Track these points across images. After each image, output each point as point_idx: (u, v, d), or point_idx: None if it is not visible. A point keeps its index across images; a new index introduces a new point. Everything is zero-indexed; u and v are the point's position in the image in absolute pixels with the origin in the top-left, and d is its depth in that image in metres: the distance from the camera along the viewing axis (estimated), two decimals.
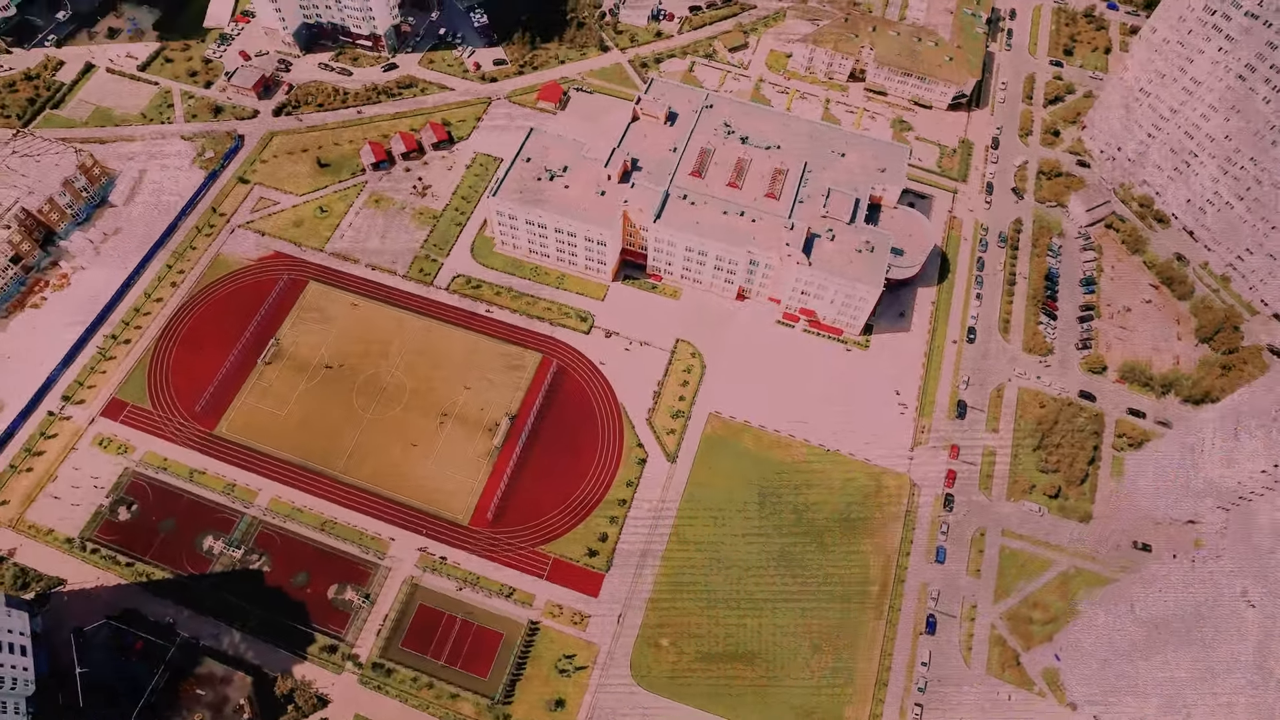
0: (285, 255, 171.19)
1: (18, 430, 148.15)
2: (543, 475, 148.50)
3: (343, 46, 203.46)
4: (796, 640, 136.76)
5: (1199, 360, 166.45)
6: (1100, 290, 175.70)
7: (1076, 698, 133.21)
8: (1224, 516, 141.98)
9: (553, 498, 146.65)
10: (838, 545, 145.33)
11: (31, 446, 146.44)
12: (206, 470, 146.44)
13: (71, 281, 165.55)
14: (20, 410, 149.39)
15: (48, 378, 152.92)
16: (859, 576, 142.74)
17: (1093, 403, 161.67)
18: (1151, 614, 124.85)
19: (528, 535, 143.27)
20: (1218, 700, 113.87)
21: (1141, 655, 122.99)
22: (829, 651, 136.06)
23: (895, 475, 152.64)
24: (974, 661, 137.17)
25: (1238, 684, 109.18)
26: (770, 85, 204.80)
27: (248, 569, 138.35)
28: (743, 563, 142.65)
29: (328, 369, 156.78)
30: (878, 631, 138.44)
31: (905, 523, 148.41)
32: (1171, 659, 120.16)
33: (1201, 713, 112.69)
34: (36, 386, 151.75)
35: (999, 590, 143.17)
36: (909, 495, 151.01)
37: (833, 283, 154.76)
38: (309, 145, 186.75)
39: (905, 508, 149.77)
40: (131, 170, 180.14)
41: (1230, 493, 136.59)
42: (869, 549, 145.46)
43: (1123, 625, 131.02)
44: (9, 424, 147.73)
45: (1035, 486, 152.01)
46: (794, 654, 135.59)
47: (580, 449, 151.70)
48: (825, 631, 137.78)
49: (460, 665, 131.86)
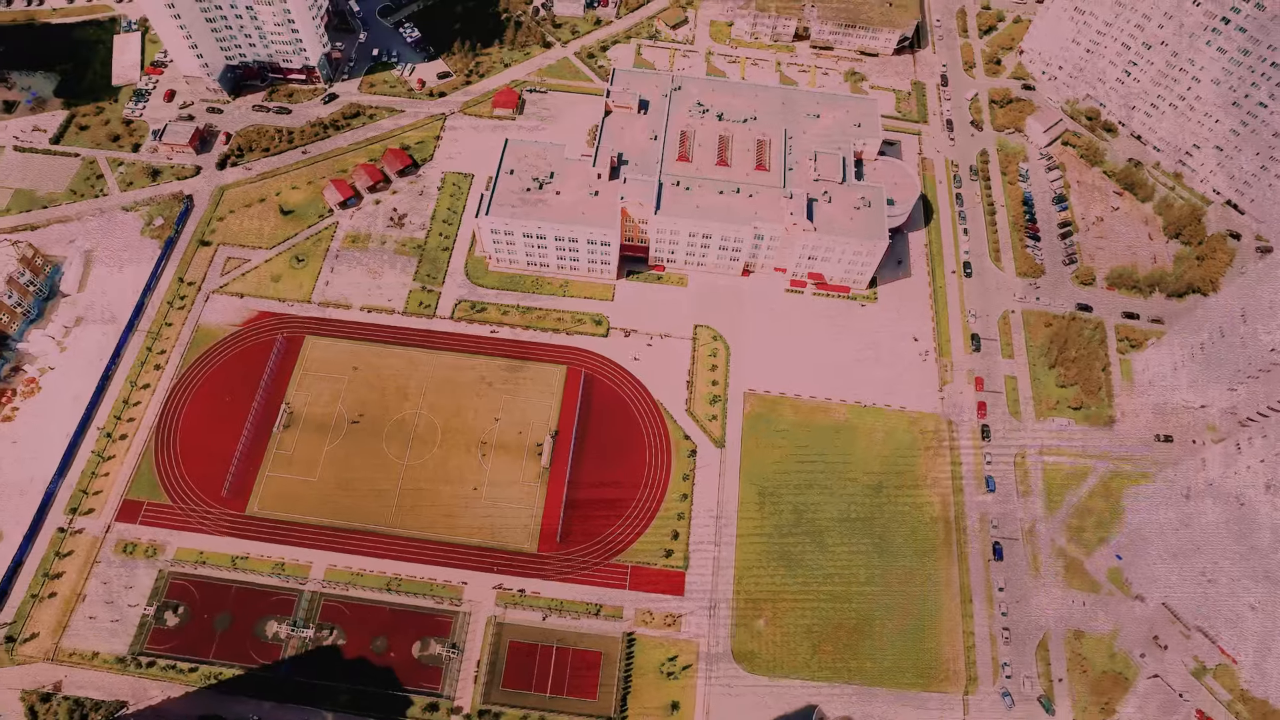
0: (271, 314, 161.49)
1: (26, 555, 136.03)
2: (599, 486, 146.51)
3: (274, 84, 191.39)
4: (882, 591, 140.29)
5: (1174, 256, 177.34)
6: (1072, 206, 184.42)
7: (1142, 590, 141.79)
8: (1231, 396, 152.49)
9: (614, 506, 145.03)
10: (896, 494, 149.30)
11: (48, 570, 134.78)
12: (249, 554, 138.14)
13: (42, 385, 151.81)
14: (24, 534, 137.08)
15: (45, 493, 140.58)
16: (924, 519, 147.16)
17: (1090, 313, 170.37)
18: (1194, 501, 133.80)
19: (599, 549, 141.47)
20: (1268, 572, 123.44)
21: (1191, 539, 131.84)
22: (914, 596, 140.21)
23: (932, 417, 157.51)
24: (1044, 576, 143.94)
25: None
26: (720, 57, 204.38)
27: (321, 646, 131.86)
28: (813, 529, 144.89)
29: (354, 423, 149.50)
30: (952, 568, 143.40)
31: (951, 459, 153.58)
32: (1219, 541, 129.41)
33: (1262, 591, 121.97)
34: (35, 506, 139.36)
35: (1049, 505, 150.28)
36: (949, 433, 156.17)
37: (840, 243, 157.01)
38: (265, 194, 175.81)
39: (948, 445, 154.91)
40: (76, 253, 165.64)
41: (1238, 373, 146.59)
42: (925, 492, 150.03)
43: (1170, 514, 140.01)
44: (15, 551, 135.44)
45: (1059, 402, 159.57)
46: (883, 605, 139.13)
47: (629, 452, 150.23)
48: (906, 577, 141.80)
49: (567, 693, 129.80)
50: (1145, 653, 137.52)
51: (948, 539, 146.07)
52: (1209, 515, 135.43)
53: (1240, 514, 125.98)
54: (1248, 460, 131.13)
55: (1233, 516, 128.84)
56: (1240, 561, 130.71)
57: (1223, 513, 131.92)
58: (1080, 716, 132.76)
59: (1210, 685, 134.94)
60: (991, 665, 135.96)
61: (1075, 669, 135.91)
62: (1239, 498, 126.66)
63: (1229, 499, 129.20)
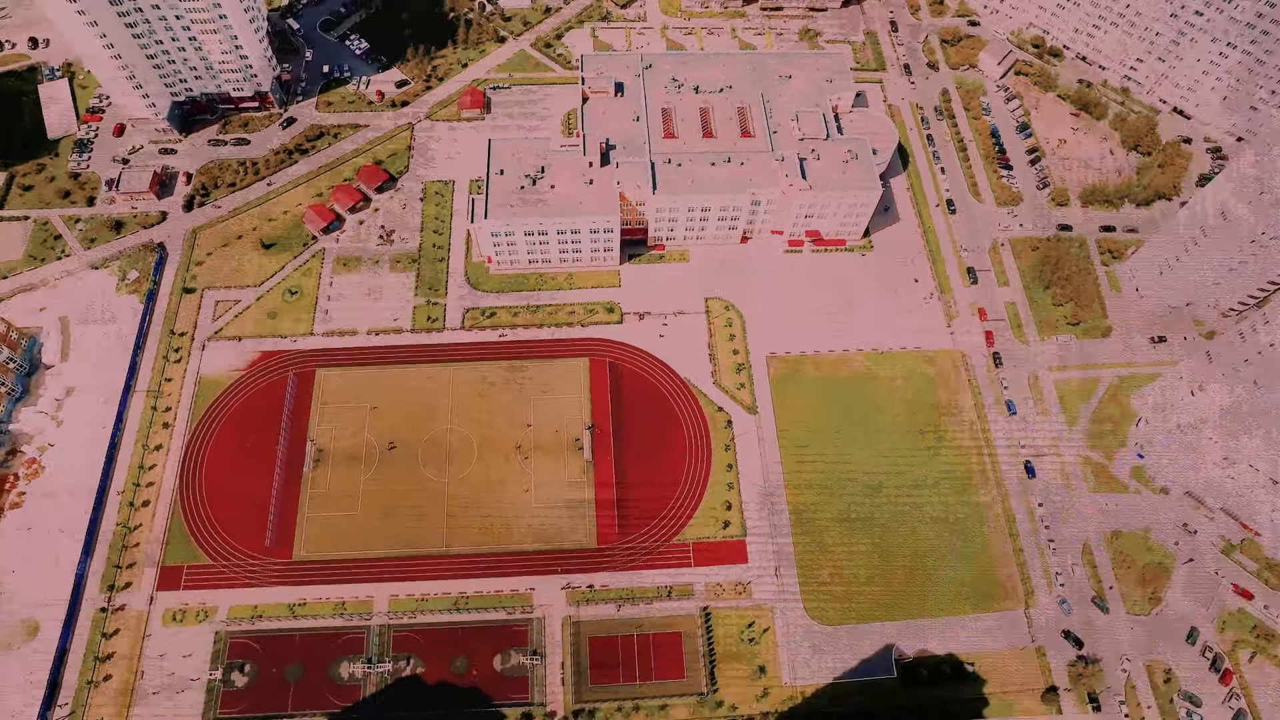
0: (275, 352, 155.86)
1: (69, 642, 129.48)
2: (644, 469, 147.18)
3: (226, 115, 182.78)
4: (931, 526, 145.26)
5: (1137, 167, 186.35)
6: (1036, 132, 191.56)
7: (1165, 483, 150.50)
8: (1214, 290, 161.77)
9: (663, 487, 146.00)
10: (929, 432, 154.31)
11: (97, 653, 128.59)
12: (305, 600, 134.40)
13: (45, 464, 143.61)
14: (63, 621, 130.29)
15: (76, 575, 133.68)
16: (957, 451, 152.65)
17: (1071, 231, 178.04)
18: (1201, 393, 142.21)
19: (658, 532, 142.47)
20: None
21: (1205, 426, 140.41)
22: (962, 525, 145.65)
23: (945, 353, 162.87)
24: (1074, 486, 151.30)
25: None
26: (675, 30, 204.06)
27: (401, 677, 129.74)
28: (858, 478, 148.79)
29: (390, 449, 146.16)
30: (992, 492, 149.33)
31: (971, 390, 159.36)
32: (1229, 423, 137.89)
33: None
34: (68, 589, 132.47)
35: (1068, 419, 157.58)
36: (964, 365, 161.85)
37: (835, 198, 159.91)
38: (241, 230, 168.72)
39: (966, 378, 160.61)
40: (51, 321, 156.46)
41: (1219, 267, 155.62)
42: (953, 425, 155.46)
43: (1177, 407, 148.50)
44: (58, 641, 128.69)
45: (1059, 320, 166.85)
46: (934, 539, 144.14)
47: (667, 432, 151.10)
48: (951, 509, 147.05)
49: (655, 677, 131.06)
50: (1179, 540, 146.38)
51: (982, 466, 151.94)
52: (1217, 400, 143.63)
53: (1250, 394, 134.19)
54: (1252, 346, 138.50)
55: (1240, 399, 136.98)
56: (1252, 437, 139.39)
57: (1230, 397, 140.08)
58: (1131, 609, 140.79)
59: (1239, 560, 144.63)
60: (1045, 577, 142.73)
61: (1119, 566, 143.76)
62: (1251, 379, 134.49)
63: (1236, 382, 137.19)
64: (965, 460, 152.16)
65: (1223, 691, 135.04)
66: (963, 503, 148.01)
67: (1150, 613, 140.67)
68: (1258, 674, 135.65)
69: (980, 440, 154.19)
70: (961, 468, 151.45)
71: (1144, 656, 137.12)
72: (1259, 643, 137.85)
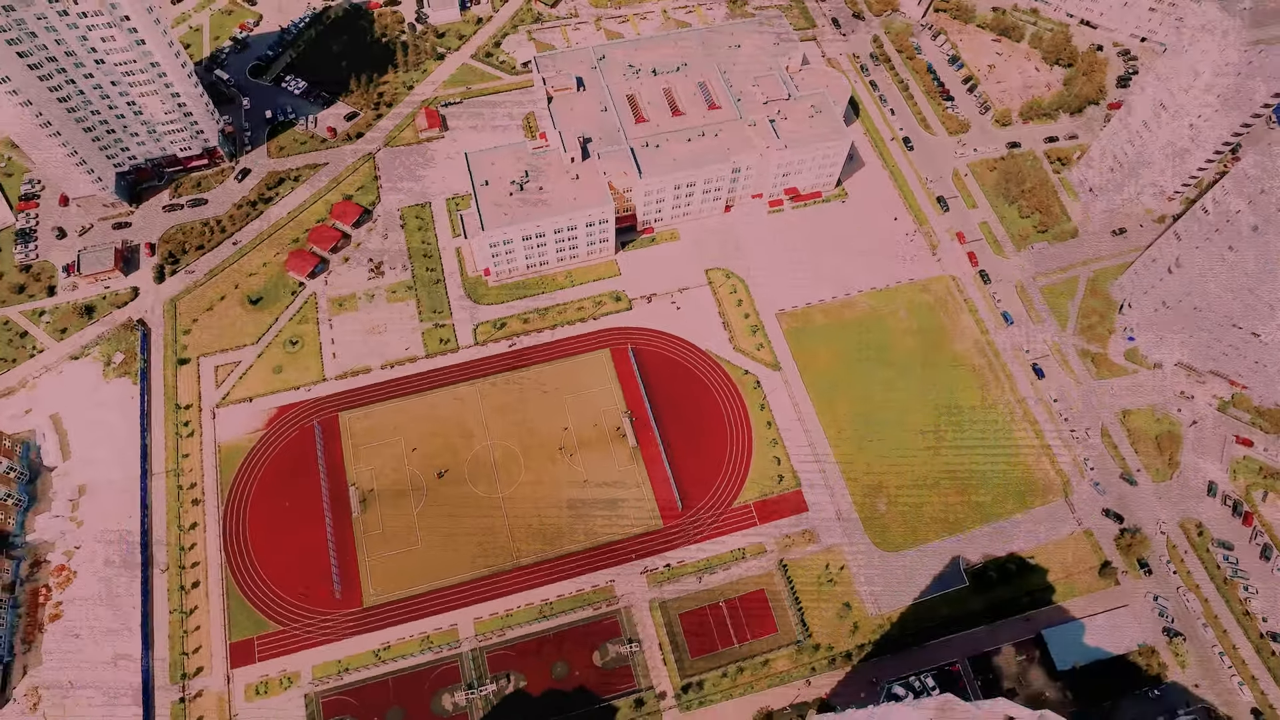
0: (291, 405, 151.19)
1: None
2: (689, 443, 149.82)
3: (174, 178, 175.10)
4: (965, 440, 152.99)
5: (1063, 79, 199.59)
6: (966, 62, 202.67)
7: (1157, 357, 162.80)
8: (1160, 177, 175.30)
9: (712, 456, 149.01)
10: (940, 355, 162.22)
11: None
12: (389, 643, 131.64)
13: (75, 569, 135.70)
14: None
15: (142, 674, 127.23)
16: (970, 366, 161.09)
17: (1020, 148, 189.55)
18: (1179, 271, 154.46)
19: (718, 500, 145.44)
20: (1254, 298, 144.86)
21: (1185, 297, 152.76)
22: (992, 433, 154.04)
23: (938, 279, 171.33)
24: (1077, 373, 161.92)
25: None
26: (609, 19, 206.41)
27: (506, 696, 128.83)
28: (889, 412, 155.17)
29: (441, 476, 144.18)
30: (1009, 396, 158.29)
31: (969, 308, 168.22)
32: (1205, 288, 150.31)
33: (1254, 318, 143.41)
34: (137, 691, 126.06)
35: (1059, 318, 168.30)
36: (957, 288, 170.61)
37: (810, 152, 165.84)
38: (223, 291, 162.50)
39: (961, 299, 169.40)
40: (42, 422, 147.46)
41: (1158, 164, 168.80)
42: (962, 343, 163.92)
43: (1156, 289, 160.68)
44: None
45: (1029, 230, 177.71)
46: (970, 451, 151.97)
47: (701, 403, 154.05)
48: (978, 420, 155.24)
49: (751, 637, 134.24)
50: (1180, 408, 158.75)
51: (994, 374, 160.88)
52: (1192, 273, 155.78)
53: (1224, 258, 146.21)
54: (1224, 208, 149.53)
55: (1215, 262, 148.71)
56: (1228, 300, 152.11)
57: (1204, 264, 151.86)
58: (1155, 477, 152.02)
59: (1234, 414, 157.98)
60: (1075, 466, 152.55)
61: (1136, 441, 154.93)
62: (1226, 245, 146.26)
63: (1210, 251, 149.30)
64: (979, 374, 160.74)
65: (1248, 532, 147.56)
66: (987, 414, 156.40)
67: (1171, 476, 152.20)
68: (1274, 510, 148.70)
69: (989, 354, 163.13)
70: (979, 380, 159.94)
71: (1176, 517, 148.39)
72: (1268, 482, 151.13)
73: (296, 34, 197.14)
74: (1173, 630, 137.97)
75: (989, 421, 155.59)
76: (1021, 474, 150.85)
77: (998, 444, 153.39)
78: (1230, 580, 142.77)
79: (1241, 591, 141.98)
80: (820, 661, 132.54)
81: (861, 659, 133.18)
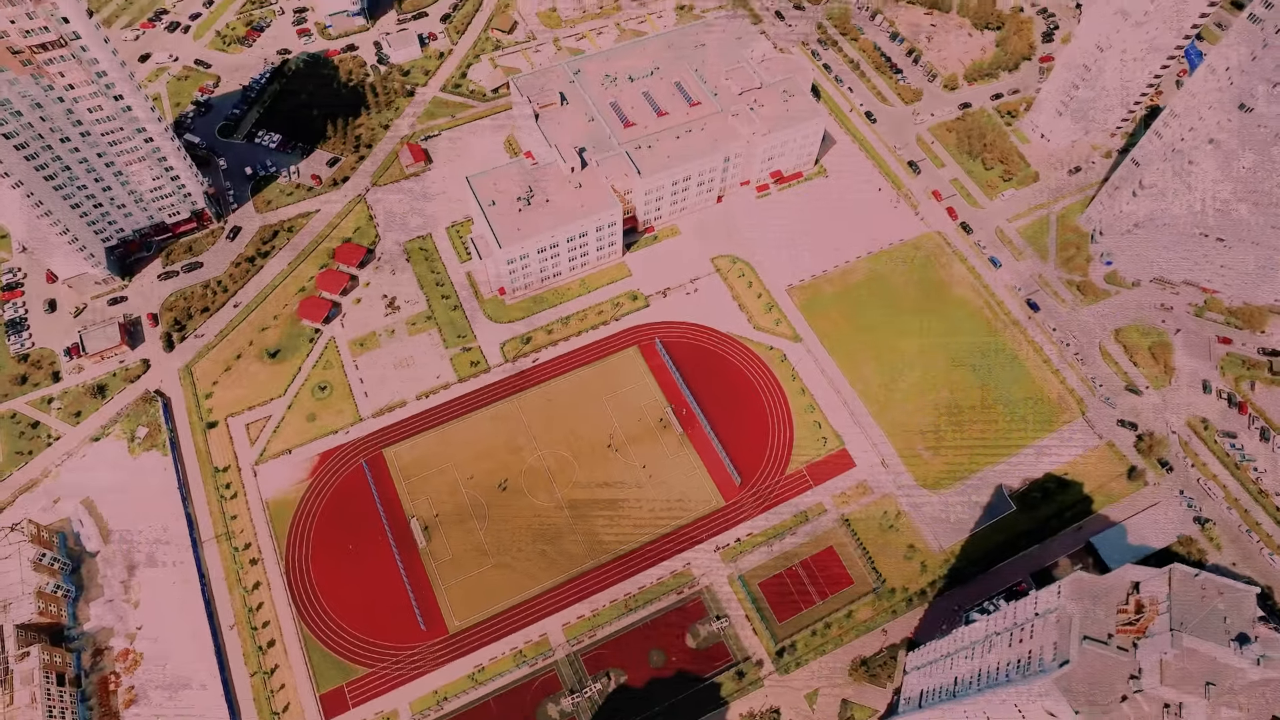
0: (333, 450, 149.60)
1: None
2: (733, 422, 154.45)
3: (164, 246, 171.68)
4: (983, 380, 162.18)
5: (996, 41, 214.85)
6: (906, 37, 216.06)
7: (1134, 276, 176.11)
8: (1104, 117, 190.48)
9: (756, 431, 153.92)
10: (944, 303, 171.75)
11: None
12: (482, 665, 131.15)
13: (141, 651, 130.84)
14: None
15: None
16: (971, 310, 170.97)
17: (971, 107, 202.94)
18: (1143, 192, 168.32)
19: (772, 471, 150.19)
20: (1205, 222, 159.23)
21: (1155, 222, 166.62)
22: (1004, 368, 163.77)
23: (927, 236, 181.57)
24: (1068, 301, 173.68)
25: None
26: (567, 39, 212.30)
27: (609, 693, 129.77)
28: (909, 361, 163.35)
29: (503, 488, 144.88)
30: (1011, 331, 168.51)
31: (958, 258, 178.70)
32: (1169, 208, 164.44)
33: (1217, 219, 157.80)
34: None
35: (1040, 254, 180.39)
36: (944, 241, 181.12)
37: (790, 134, 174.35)
38: (239, 349, 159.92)
39: (950, 250, 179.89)
40: (73, 508, 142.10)
41: (1101, 103, 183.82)
42: (960, 290, 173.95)
43: (1120, 214, 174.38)
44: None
45: (996, 181, 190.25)
46: (989, 388, 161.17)
47: (737, 383, 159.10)
48: (989, 358, 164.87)
49: (830, 593, 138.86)
50: (1163, 319, 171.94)
51: (995, 315, 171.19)
52: (1157, 190, 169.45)
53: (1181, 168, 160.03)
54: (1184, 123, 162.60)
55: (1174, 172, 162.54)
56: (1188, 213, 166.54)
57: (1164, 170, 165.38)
58: (1156, 384, 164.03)
59: (1210, 317, 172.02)
60: (1084, 385, 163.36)
61: (1133, 355, 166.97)
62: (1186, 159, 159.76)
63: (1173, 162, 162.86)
64: (981, 316, 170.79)
65: (1245, 419, 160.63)
66: (998, 349, 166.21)
67: (1170, 382, 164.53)
68: (1264, 397, 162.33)
69: (985, 296, 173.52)
70: (982, 321, 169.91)
71: (1182, 416, 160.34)
72: (1251, 373, 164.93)
73: (260, 90, 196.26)
74: (1202, 518, 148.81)
75: (1001, 355, 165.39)
76: (1040, 399, 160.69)
77: (1014, 376, 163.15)
78: (1240, 465, 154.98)
79: (1252, 473, 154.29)
80: (899, 604, 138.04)
81: (936, 594, 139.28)
